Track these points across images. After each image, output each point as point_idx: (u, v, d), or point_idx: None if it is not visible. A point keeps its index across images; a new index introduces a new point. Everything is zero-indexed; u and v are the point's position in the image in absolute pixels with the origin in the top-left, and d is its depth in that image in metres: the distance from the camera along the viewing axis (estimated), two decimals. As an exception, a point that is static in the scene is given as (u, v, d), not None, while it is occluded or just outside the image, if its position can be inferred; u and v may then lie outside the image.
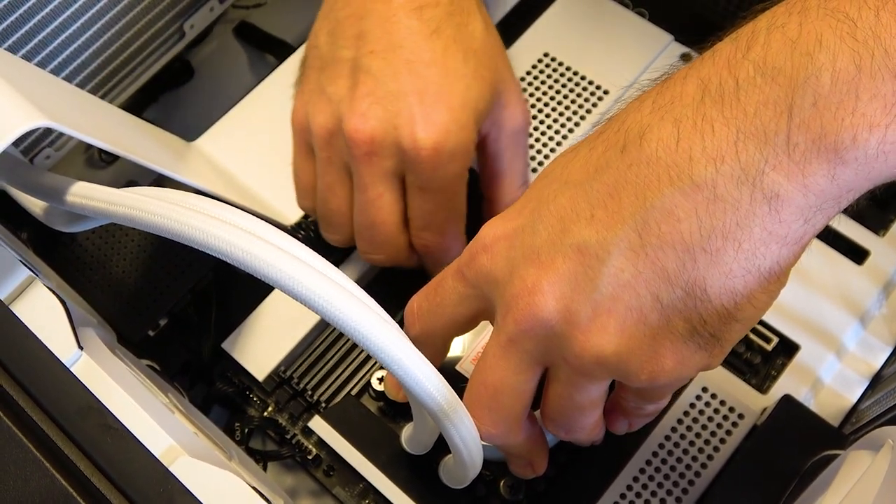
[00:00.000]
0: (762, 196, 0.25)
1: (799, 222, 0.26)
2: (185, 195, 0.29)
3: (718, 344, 0.28)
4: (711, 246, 0.26)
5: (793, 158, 0.25)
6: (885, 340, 0.43)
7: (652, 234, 0.27)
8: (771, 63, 0.25)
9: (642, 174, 0.27)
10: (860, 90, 0.24)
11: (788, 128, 0.25)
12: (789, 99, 0.25)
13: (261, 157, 0.48)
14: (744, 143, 0.25)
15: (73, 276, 0.45)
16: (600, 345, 0.28)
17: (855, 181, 0.25)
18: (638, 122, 0.28)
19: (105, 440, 0.25)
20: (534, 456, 0.35)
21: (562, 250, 0.28)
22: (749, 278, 0.26)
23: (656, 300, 0.27)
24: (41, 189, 0.33)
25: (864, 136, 0.24)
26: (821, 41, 0.24)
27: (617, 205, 0.27)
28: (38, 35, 0.43)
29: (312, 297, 0.26)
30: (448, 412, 0.29)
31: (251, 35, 0.56)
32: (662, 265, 0.27)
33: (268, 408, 0.43)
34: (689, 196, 0.26)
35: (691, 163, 0.26)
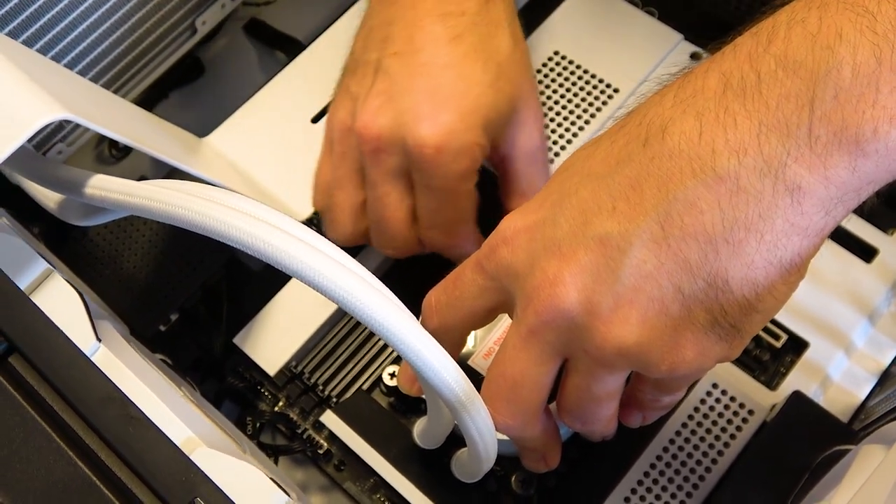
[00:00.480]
0: (784, 188, 0.26)
1: (820, 214, 0.26)
2: (202, 186, 0.29)
3: (738, 335, 0.28)
4: (734, 237, 0.26)
5: (815, 151, 0.25)
6: (893, 338, 0.43)
7: (675, 225, 0.27)
8: (792, 57, 0.25)
9: (665, 167, 0.27)
10: (881, 83, 0.24)
11: (810, 120, 0.25)
12: (811, 92, 0.25)
13: (271, 154, 0.48)
14: (766, 136, 0.26)
15: (85, 271, 0.46)
16: (622, 335, 0.28)
17: (875, 173, 0.25)
18: (660, 116, 0.28)
19: (127, 430, 0.26)
20: (548, 449, 0.36)
21: (584, 242, 0.29)
22: (770, 270, 0.27)
23: (678, 291, 0.27)
24: (59, 182, 0.33)
25: (885, 129, 0.24)
26: (841, 35, 0.25)
27: (639, 197, 0.28)
28: (52, 30, 0.43)
29: (331, 286, 0.26)
30: (465, 403, 0.29)
31: (262, 32, 0.56)
32: (685, 256, 0.27)
33: (279, 402, 0.43)
34: (711, 188, 0.26)
35: (714, 155, 0.26)
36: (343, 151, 0.41)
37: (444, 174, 0.39)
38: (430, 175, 0.39)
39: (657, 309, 0.28)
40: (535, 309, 0.29)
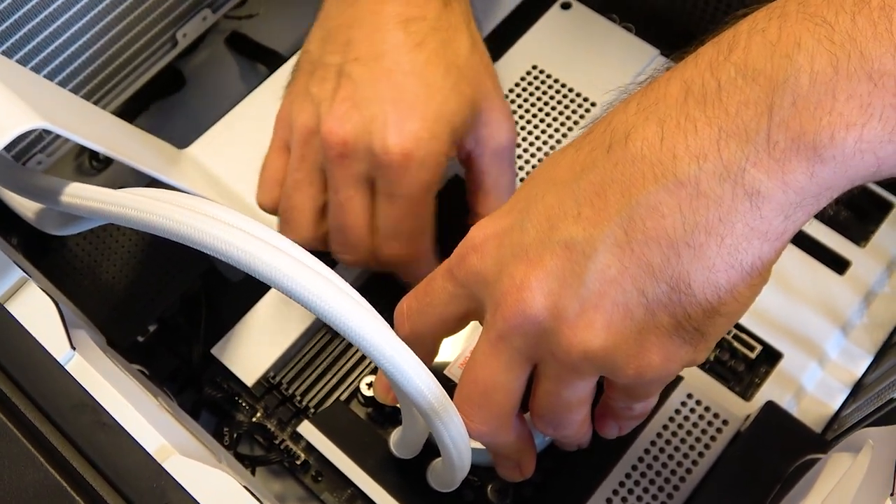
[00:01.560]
0: (744, 192, 0.26)
1: (780, 218, 0.26)
2: (178, 195, 0.30)
3: (703, 339, 0.29)
4: (695, 241, 0.27)
5: (773, 156, 0.26)
6: (866, 349, 0.43)
7: (637, 230, 0.27)
8: (752, 65, 0.26)
9: (628, 172, 0.28)
10: (837, 90, 0.25)
11: (769, 126, 0.26)
12: (769, 99, 0.25)
13: (251, 166, 0.48)
14: (725, 142, 0.26)
15: (63, 281, 0.46)
16: (588, 340, 0.29)
17: (833, 179, 0.26)
18: (623, 123, 0.29)
19: (99, 436, 0.26)
20: (522, 456, 0.36)
21: (549, 247, 0.29)
22: (732, 273, 0.27)
23: (642, 295, 0.28)
24: (36, 190, 0.33)
25: (842, 135, 0.25)
26: (799, 44, 0.25)
27: (603, 202, 0.28)
28: (33, 41, 0.43)
29: (305, 293, 0.27)
30: (438, 410, 0.29)
31: (243, 45, 0.56)
32: (647, 260, 0.27)
33: (256, 413, 0.43)
34: (672, 193, 0.27)
35: (675, 160, 0.27)
36: (303, 154, 0.41)
37: (409, 182, 0.39)
38: (394, 183, 0.39)
39: (621, 313, 0.28)
40: (503, 314, 0.30)
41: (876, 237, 0.46)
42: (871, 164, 0.25)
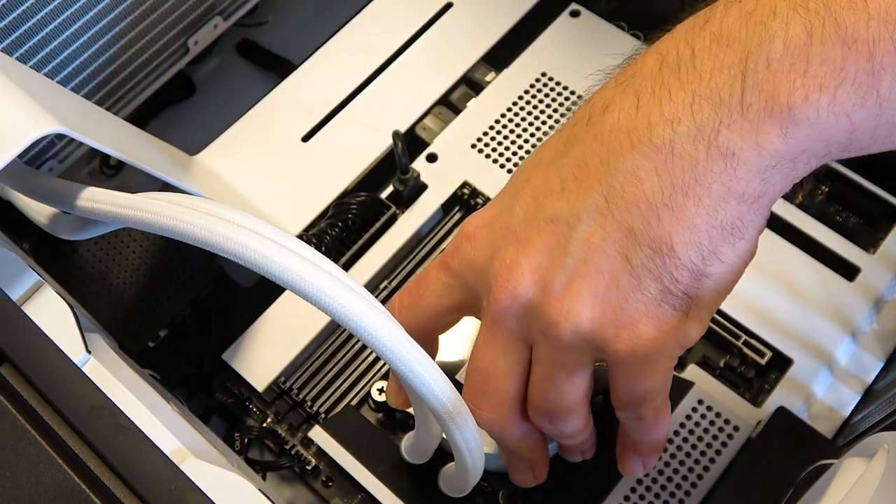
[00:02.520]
0: (718, 153, 0.27)
1: (756, 180, 0.27)
2: (195, 198, 0.30)
3: (694, 305, 0.29)
4: (673, 202, 0.27)
5: (746, 117, 0.26)
6: (876, 355, 0.43)
7: (617, 196, 0.28)
8: (726, 32, 0.27)
9: (606, 142, 0.28)
10: (811, 54, 0.25)
11: (742, 89, 0.26)
12: (743, 63, 0.26)
13: (262, 172, 0.49)
14: (699, 105, 0.27)
15: (74, 286, 0.46)
16: (574, 310, 0.29)
17: (808, 142, 0.26)
18: (602, 98, 0.29)
19: (117, 439, 0.26)
20: (535, 457, 0.35)
21: (536, 224, 0.30)
22: (713, 233, 0.27)
23: (626, 261, 0.28)
24: (52, 195, 0.33)
25: (815, 96, 0.25)
26: (775, 11, 0.26)
27: (585, 174, 0.29)
28: (47, 47, 0.44)
29: (320, 295, 0.27)
30: (453, 414, 0.29)
31: (253, 52, 0.57)
32: (629, 225, 0.28)
33: (267, 418, 0.43)
34: (649, 157, 0.27)
35: (650, 126, 0.27)
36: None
37: None
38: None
39: (607, 281, 0.28)
40: (495, 297, 0.30)
41: (885, 244, 0.46)
42: (846, 128, 0.26)
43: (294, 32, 0.57)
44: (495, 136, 0.49)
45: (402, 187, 0.47)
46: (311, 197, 0.48)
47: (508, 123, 0.50)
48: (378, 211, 0.47)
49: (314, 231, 0.47)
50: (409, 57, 0.52)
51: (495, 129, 0.49)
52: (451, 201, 0.48)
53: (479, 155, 0.49)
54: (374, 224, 0.47)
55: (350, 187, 0.48)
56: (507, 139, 0.49)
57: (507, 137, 0.49)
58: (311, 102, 0.51)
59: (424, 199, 0.48)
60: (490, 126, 0.50)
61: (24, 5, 0.41)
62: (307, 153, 0.49)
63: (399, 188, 0.48)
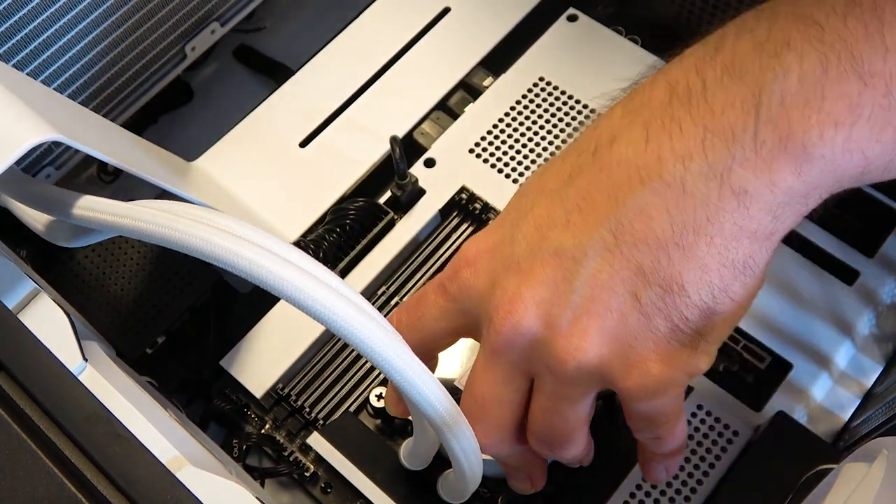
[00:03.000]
0: (730, 191, 0.26)
1: (768, 218, 0.26)
2: (191, 207, 0.30)
3: (703, 341, 0.28)
4: (684, 241, 0.27)
5: (760, 155, 0.25)
6: (875, 359, 0.43)
7: (626, 233, 0.27)
8: (739, 64, 0.26)
9: (614, 176, 0.28)
10: (826, 90, 0.24)
11: (756, 125, 0.25)
12: (756, 98, 0.25)
13: (260, 178, 0.49)
14: (711, 141, 0.26)
15: (72, 293, 0.46)
16: (583, 348, 0.28)
17: (821, 179, 0.26)
18: (608, 128, 0.28)
19: (113, 448, 0.26)
20: (532, 469, 0.35)
21: (540, 257, 0.29)
22: (724, 272, 0.27)
23: (635, 299, 0.27)
24: (49, 203, 0.33)
25: (831, 134, 0.25)
26: (789, 43, 0.25)
27: (591, 208, 0.28)
28: (43, 54, 0.43)
29: (317, 306, 0.27)
30: (450, 423, 0.29)
31: (251, 58, 0.56)
32: (638, 262, 0.27)
33: (265, 425, 0.43)
34: (659, 194, 0.27)
35: (660, 162, 0.27)
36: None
37: None
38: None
39: (616, 319, 0.28)
40: (496, 328, 0.29)
41: (884, 248, 0.46)
42: (859, 164, 0.25)
43: (291, 38, 0.57)
44: (493, 141, 0.49)
45: (399, 193, 0.47)
46: (308, 202, 0.48)
47: (506, 128, 0.49)
48: (376, 216, 0.47)
49: (312, 237, 0.47)
50: (407, 62, 0.52)
51: (493, 134, 0.49)
52: (449, 206, 0.48)
53: (477, 160, 0.49)
54: (372, 230, 0.47)
55: (348, 193, 0.48)
56: (504, 144, 0.49)
57: (505, 142, 0.49)
58: (309, 108, 0.51)
59: (422, 205, 0.48)
60: (488, 131, 0.49)
61: (21, 12, 0.41)
62: (305, 159, 0.49)
63: (397, 193, 0.48)
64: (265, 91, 0.53)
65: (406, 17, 0.53)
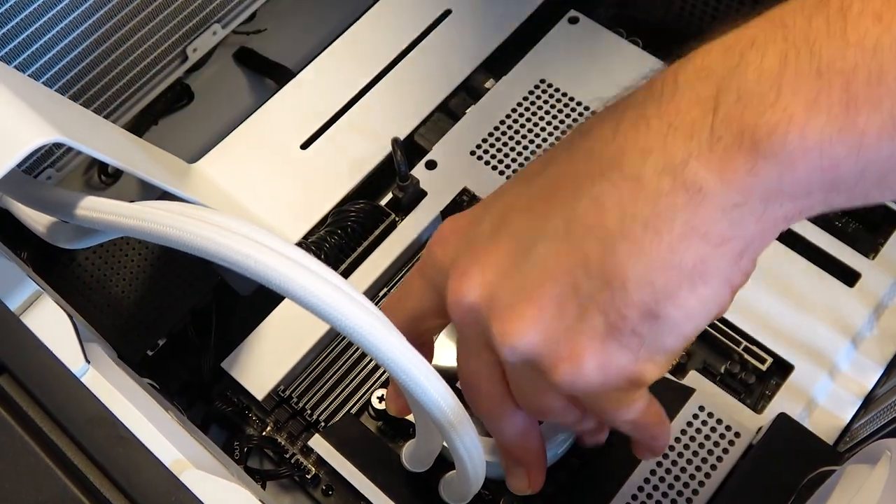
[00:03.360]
0: (683, 187, 0.26)
1: (723, 220, 0.26)
2: (194, 207, 0.30)
3: (643, 345, 0.27)
4: (631, 234, 0.26)
5: (714, 151, 0.25)
6: (876, 361, 0.43)
7: (579, 222, 0.27)
8: (707, 65, 0.26)
9: (580, 167, 0.28)
10: (783, 85, 0.24)
11: (712, 121, 0.25)
12: (716, 95, 0.25)
13: (260, 180, 0.49)
14: (672, 137, 0.26)
15: (73, 295, 0.46)
16: (515, 333, 0.28)
17: (781, 181, 0.25)
18: (588, 123, 0.29)
19: (116, 450, 0.26)
20: (531, 459, 0.35)
21: (497, 239, 0.29)
22: (670, 274, 0.26)
23: (575, 289, 0.27)
24: (51, 204, 0.33)
25: (783, 129, 0.24)
26: (753, 42, 0.25)
27: (553, 195, 0.28)
28: (45, 56, 0.43)
29: (321, 304, 0.27)
30: (454, 422, 0.29)
31: (251, 60, 0.56)
32: (584, 252, 0.27)
33: (267, 427, 0.43)
34: (616, 185, 0.27)
35: (623, 155, 0.27)
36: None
37: None
38: None
39: (554, 308, 0.28)
40: (448, 304, 0.30)
41: (885, 249, 0.46)
42: (824, 167, 0.24)
43: (292, 40, 0.57)
44: (494, 143, 0.49)
45: (401, 194, 0.47)
46: (310, 204, 0.48)
47: (507, 130, 0.50)
48: (377, 218, 0.47)
49: (313, 239, 0.47)
50: (408, 64, 0.52)
51: (494, 136, 0.49)
52: (450, 208, 0.48)
53: (478, 162, 0.49)
54: (374, 231, 0.47)
55: (349, 195, 0.48)
56: (506, 146, 0.49)
57: (507, 144, 0.49)
58: (310, 110, 0.51)
59: (424, 206, 0.48)
60: (489, 133, 0.50)
61: (23, 14, 0.41)
62: (306, 161, 0.49)
63: (398, 195, 0.48)
64: (266, 93, 0.53)
65: (407, 19, 0.54)
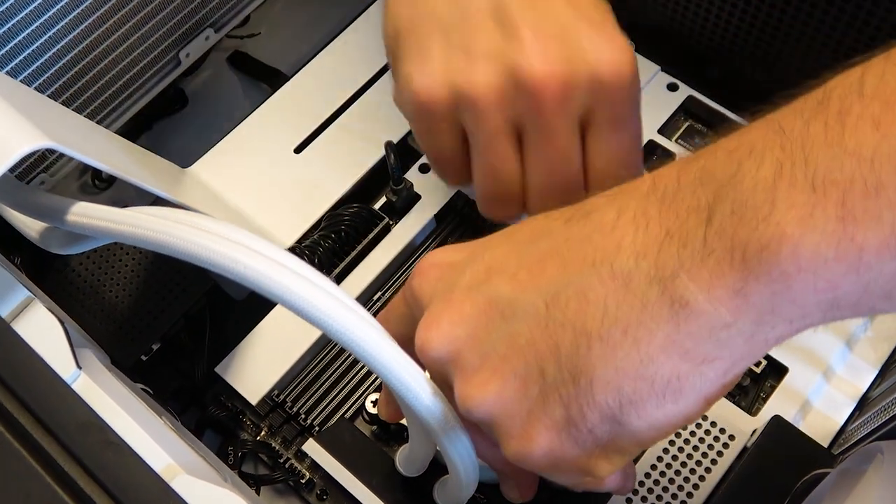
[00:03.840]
0: (669, 300, 0.24)
1: (707, 340, 0.24)
2: (186, 213, 0.30)
3: (599, 446, 0.27)
4: (610, 337, 0.25)
5: (706, 265, 0.24)
6: (870, 363, 0.43)
7: (559, 307, 0.26)
8: (709, 169, 0.25)
9: (573, 249, 0.27)
10: (777, 198, 0.22)
11: (705, 233, 0.24)
12: (713, 203, 0.24)
13: (255, 184, 0.49)
14: (667, 244, 0.25)
15: (66, 300, 0.46)
16: (474, 399, 0.28)
17: (773, 302, 0.23)
18: (591, 202, 0.28)
19: (106, 456, 0.25)
20: (519, 477, 0.35)
21: (474, 296, 0.28)
22: (640, 384, 0.25)
23: (541, 375, 0.27)
24: (43, 210, 0.33)
25: (774, 247, 0.22)
26: (752, 150, 0.24)
27: (541, 271, 0.27)
28: (37, 61, 0.43)
29: (311, 309, 0.27)
30: (445, 427, 0.29)
31: (245, 64, 0.57)
32: (557, 341, 0.26)
33: (261, 432, 0.43)
34: (604, 282, 0.26)
35: (618, 252, 0.26)
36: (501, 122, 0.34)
37: (636, 100, 0.35)
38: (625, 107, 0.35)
39: (517, 386, 0.27)
40: (416, 346, 0.29)
41: (879, 251, 0.46)
42: (821, 288, 0.22)
43: (286, 44, 0.57)
44: (488, 146, 0.49)
45: (395, 198, 0.47)
46: (303, 208, 0.48)
47: (501, 133, 0.49)
48: (371, 222, 0.47)
49: (307, 243, 0.46)
50: (402, 67, 0.52)
51: (488, 139, 0.49)
52: (444, 211, 0.48)
53: (471, 165, 0.49)
54: (368, 235, 0.47)
55: (343, 198, 0.48)
56: (499, 149, 0.49)
57: (500, 147, 0.49)
58: (304, 114, 0.51)
59: (418, 210, 0.48)
60: (483, 136, 0.49)
61: (14, 19, 0.41)
62: (300, 164, 0.49)
63: (392, 199, 0.48)
64: (260, 97, 0.53)
65: (400, 23, 0.54)
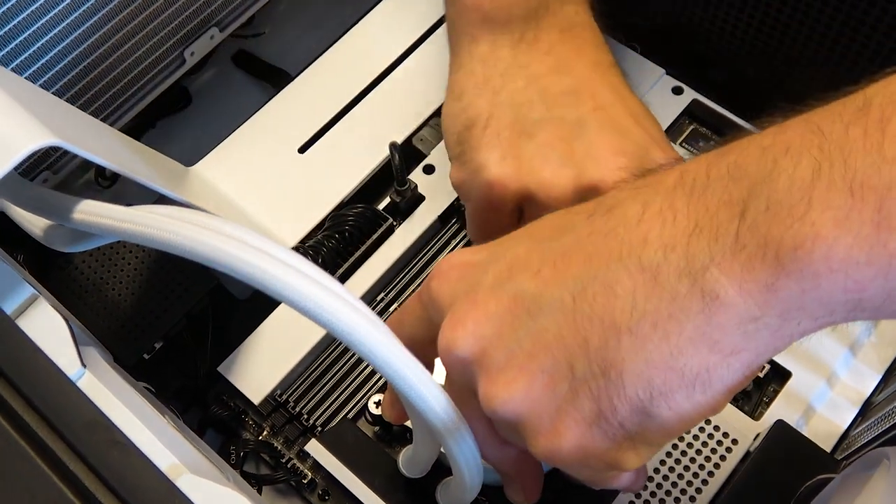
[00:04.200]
0: (700, 293, 0.25)
1: (736, 332, 0.24)
2: (192, 212, 0.30)
3: (629, 439, 0.27)
4: (639, 330, 0.25)
5: (737, 259, 0.24)
6: (874, 368, 0.43)
7: (586, 302, 0.26)
8: (741, 164, 0.25)
9: (598, 244, 0.27)
10: (814, 199, 0.23)
11: (738, 227, 0.24)
12: (746, 200, 0.24)
13: (258, 183, 0.49)
14: (697, 237, 0.25)
15: (69, 298, 0.46)
16: (502, 399, 0.28)
17: (802, 298, 0.23)
18: (614, 196, 0.28)
19: (112, 455, 0.25)
20: (524, 480, 0.35)
21: (498, 294, 0.28)
22: (671, 376, 0.25)
23: (570, 370, 0.27)
24: (47, 207, 0.33)
25: (808, 246, 0.23)
26: (788, 149, 0.24)
27: (565, 266, 0.27)
28: (42, 59, 0.43)
29: (316, 309, 0.27)
30: (451, 429, 0.29)
31: (249, 63, 0.56)
32: (586, 335, 0.26)
33: (263, 431, 0.43)
34: (632, 275, 0.26)
35: (644, 245, 0.26)
36: None
37: None
38: None
39: (545, 383, 0.27)
40: (440, 348, 0.29)
41: (883, 256, 0.46)
42: (849, 288, 0.23)
43: (291, 43, 0.57)
44: (493, 148, 0.49)
45: (399, 199, 0.47)
46: (308, 208, 0.48)
47: (506, 135, 0.49)
48: (375, 222, 0.47)
49: (311, 243, 0.46)
50: (407, 68, 0.52)
51: (493, 141, 0.49)
52: (448, 213, 0.48)
53: (476, 166, 0.49)
54: (372, 236, 0.47)
55: (347, 199, 0.48)
56: (504, 151, 0.49)
57: (505, 149, 0.49)
58: (308, 113, 0.51)
59: (422, 211, 0.48)
60: (487, 137, 0.49)
61: (20, 16, 0.41)
62: (304, 164, 0.49)
63: (396, 200, 0.47)
64: (264, 96, 0.53)
65: (406, 23, 0.54)
